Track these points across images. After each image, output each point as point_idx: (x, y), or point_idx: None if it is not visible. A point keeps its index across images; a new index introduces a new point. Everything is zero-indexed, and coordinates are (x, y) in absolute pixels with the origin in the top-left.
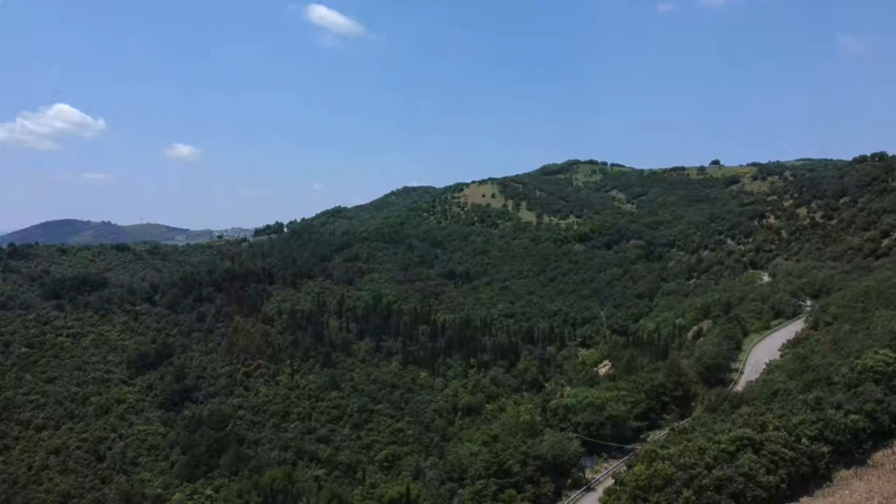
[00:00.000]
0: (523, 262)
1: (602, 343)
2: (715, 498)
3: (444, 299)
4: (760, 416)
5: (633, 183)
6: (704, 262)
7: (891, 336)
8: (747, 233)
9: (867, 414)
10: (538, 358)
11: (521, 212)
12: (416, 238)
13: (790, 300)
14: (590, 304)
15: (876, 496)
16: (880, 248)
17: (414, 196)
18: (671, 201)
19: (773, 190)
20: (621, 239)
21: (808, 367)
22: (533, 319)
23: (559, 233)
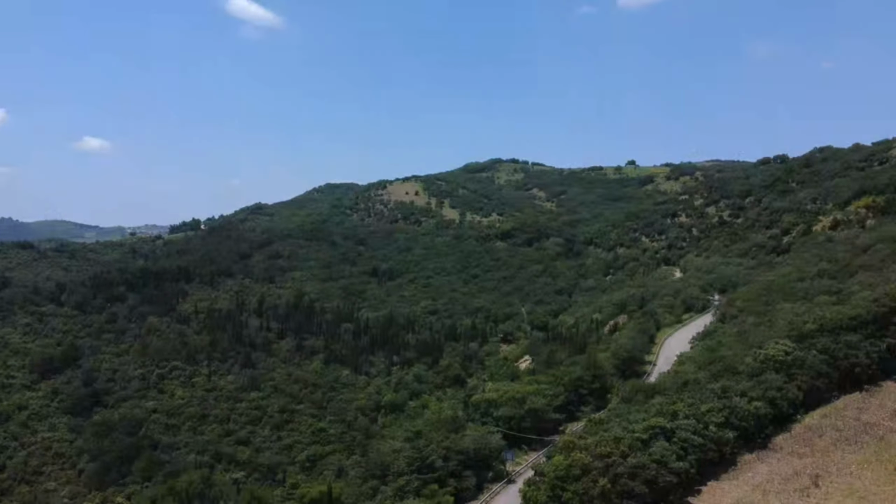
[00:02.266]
0: (447, 260)
1: (523, 338)
2: (630, 485)
3: (368, 297)
4: (672, 405)
5: (553, 182)
6: (621, 258)
7: (790, 328)
8: (661, 230)
9: (769, 400)
10: (461, 354)
11: (445, 209)
12: (340, 235)
13: (700, 295)
14: (511, 301)
15: (776, 477)
16: (781, 245)
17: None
18: (590, 200)
19: (685, 189)
20: (542, 236)
21: (716, 358)
22: (456, 316)
23: (482, 230)
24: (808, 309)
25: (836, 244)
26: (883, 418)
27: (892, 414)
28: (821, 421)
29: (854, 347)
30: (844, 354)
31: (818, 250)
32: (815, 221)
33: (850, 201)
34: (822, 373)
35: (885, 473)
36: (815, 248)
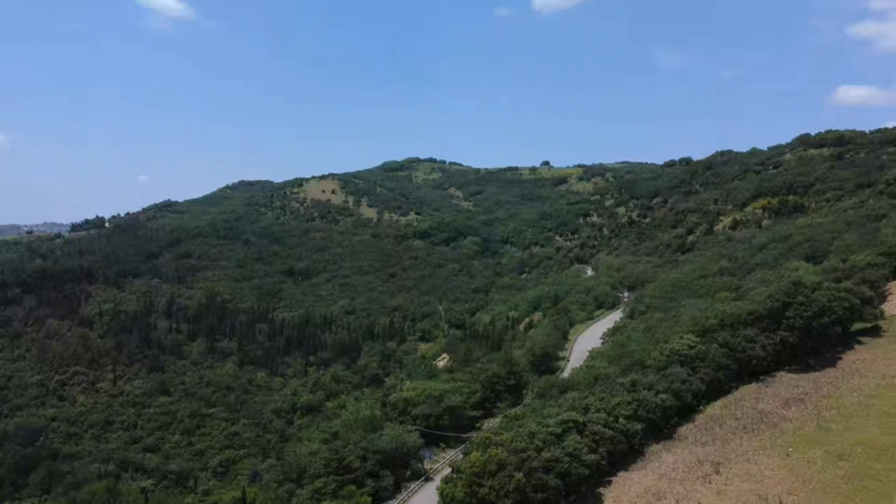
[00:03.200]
0: (364, 259)
1: (441, 337)
2: (544, 478)
3: (284, 297)
4: (584, 399)
5: (470, 181)
6: (535, 257)
7: (693, 323)
8: (574, 230)
9: (674, 393)
10: (379, 353)
11: (363, 208)
12: (254, 234)
13: (611, 292)
14: (429, 299)
15: (681, 466)
16: (686, 244)
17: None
18: (506, 199)
19: (597, 190)
20: (459, 235)
21: (626, 353)
22: (374, 315)
23: (400, 229)
24: (710, 305)
25: (736, 243)
26: (777, 407)
27: (785, 402)
28: (721, 411)
29: (751, 341)
30: (743, 347)
31: (719, 249)
32: (717, 221)
33: (748, 202)
34: (723, 365)
35: (779, 458)
36: (717, 247)
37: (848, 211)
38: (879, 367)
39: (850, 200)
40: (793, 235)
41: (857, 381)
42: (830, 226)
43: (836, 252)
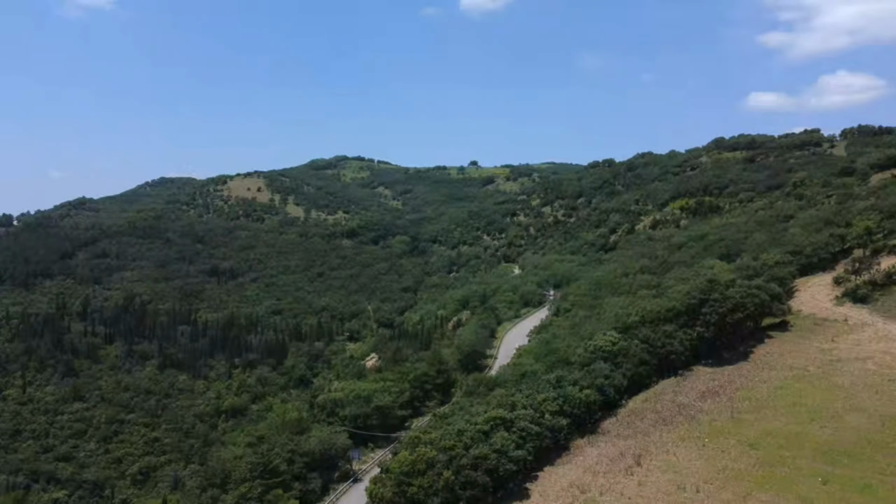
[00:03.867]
0: (291, 258)
1: (370, 336)
2: (472, 475)
3: (207, 297)
4: (511, 396)
5: (399, 180)
6: (464, 256)
7: (616, 320)
8: (501, 229)
9: (597, 388)
10: (306, 354)
11: (289, 206)
12: (175, 233)
13: (537, 290)
14: (358, 299)
15: (604, 459)
16: (609, 243)
17: (172, 188)
18: (434, 199)
19: (524, 190)
20: (388, 234)
21: (551, 350)
22: (301, 316)
23: (328, 228)
24: (632, 302)
25: (656, 242)
26: (694, 399)
27: (702, 395)
28: (642, 405)
29: (670, 336)
30: (662, 343)
31: (640, 248)
32: (638, 221)
33: (667, 203)
34: (644, 360)
35: (696, 448)
36: (638, 246)
37: (759, 211)
38: (787, 359)
39: (761, 201)
40: (709, 235)
41: (767, 373)
42: (743, 226)
43: (748, 251)
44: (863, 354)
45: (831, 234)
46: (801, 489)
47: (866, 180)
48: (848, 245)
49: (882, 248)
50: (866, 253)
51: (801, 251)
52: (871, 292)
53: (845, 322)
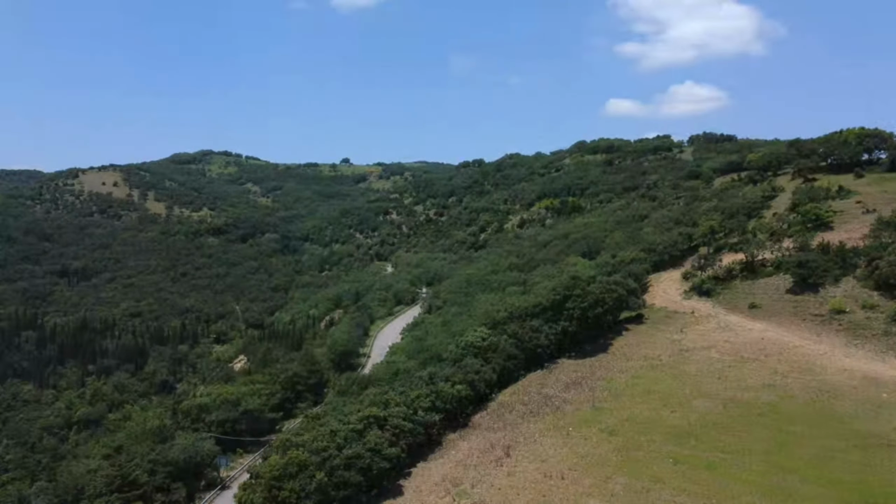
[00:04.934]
0: (152, 257)
1: (238, 338)
2: (345, 476)
3: (56, 300)
4: (385, 394)
5: (268, 176)
6: (336, 254)
7: (486, 316)
8: (374, 227)
9: (469, 383)
10: (169, 358)
11: (149, 202)
12: (18, 230)
13: (410, 288)
14: (225, 299)
15: (475, 452)
16: (479, 241)
17: (14, 181)
18: (306, 196)
19: (396, 188)
20: (257, 232)
21: (424, 347)
22: (163, 318)
23: (192, 225)
24: (501, 298)
25: (523, 240)
26: (559, 391)
27: (566, 386)
28: (511, 398)
29: (537, 331)
30: (530, 337)
31: (509, 246)
32: (507, 220)
33: (533, 202)
34: (512, 355)
35: (561, 437)
36: (507, 244)
37: (617, 211)
38: (643, 350)
39: (618, 202)
40: (572, 233)
41: (625, 363)
42: (603, 225)
43: (607, 248)
44: (707, 343)
45: (680, 233)
46: (655, 470)
47: (710, 183)
48: (695, 243)
49: (724, 246)
50: (710, 250)
51: (654, 249)
52: (715, 286)
53: (692, 314)
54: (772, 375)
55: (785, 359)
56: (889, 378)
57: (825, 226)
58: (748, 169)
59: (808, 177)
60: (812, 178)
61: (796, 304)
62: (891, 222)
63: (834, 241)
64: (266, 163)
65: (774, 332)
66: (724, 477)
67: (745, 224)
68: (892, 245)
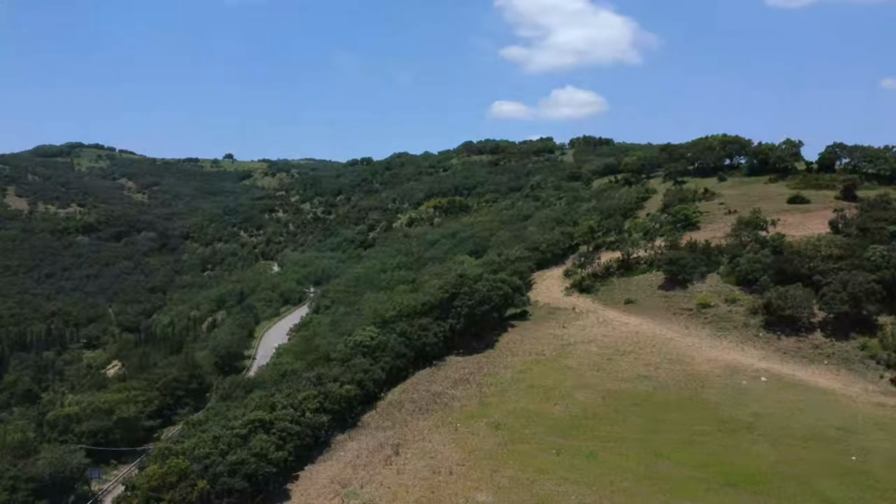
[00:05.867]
0: (12, 257)
1: (111, 342)
2: (230, 482)
3: None
4: (271, 397)
5: (144, 171)
6: (219, 253)
7: (375, 315)
8: (259, 225)
9: (357, 383)
10: (33, 366)
11: (9, 198)
12: None
13: (297, 287)
14: (97, 302)
15: (364, 451)
16: (368, 240)
17: None
18: (186, 192)
19: (282, 186)
20: (132, 230)
21: (312, 348)
22: (25, 322)
23: (59, 223)
24: (390, 297)
25: (412, 239)
26: (447, 387)
27: (454, 383)
28: (400, 396)
29: (426, 329)
30: (418, 336)
31: (398, 244)
32: (395, 219)
33: (422, 202)
34: (401, 353)
35: (450, 433)
36: (396, 243)
37: (503, 211)
38: (527, 346)
39: (504, 202)
40: (459, 232)
41: (510, 359)
42: (489, 224)
43: (493, 247)
44: (588, 338)
45: (562, 233)
46: (539, 461)
47: (590, 185)
48: (575, 242)
49: (602, 245)
50: (590, 249)
51: (538, 247)
52: (594, 283)
53: (574, 310)
54: (646, 367)
55: (658, 351)
56: (748, 366)
57: (693, 226)
58: (624, 171)
59: (678, 179)
60: (681, 180)
61: (667, 299)
62: (749, 222)
63: (700, 240)
64: (142, 157)
65: (648, 326)
66: (603, 464)
67: (622, 224)
68: (750, 244)
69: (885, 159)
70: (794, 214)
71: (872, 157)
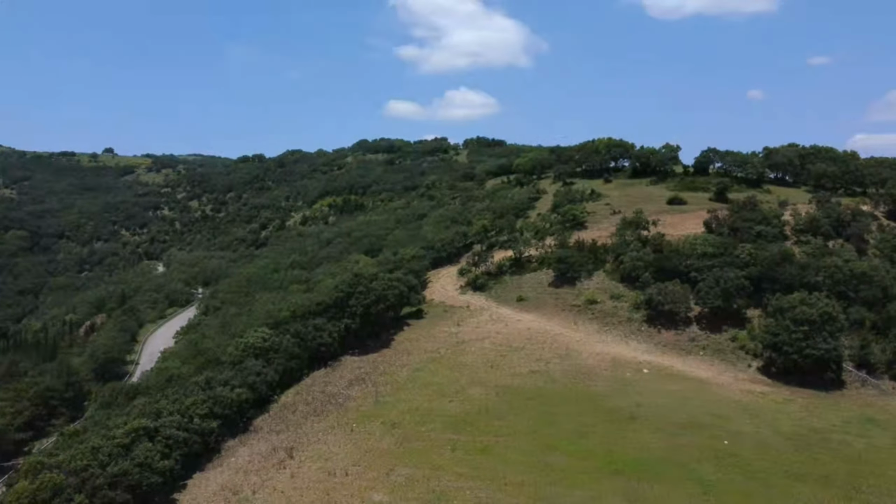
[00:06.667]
0: None
1: None
2: (110, 495)
3: None
4: (156, 403)
5: (13, 165)
6: (98, 253)
7: (267, 316)
8: (143, 223)
9: (249, 386)
10: None
11: None
12: None
13: (184, 288)
14: None
15: (256, 456)
16: (260, 239)
17: None
18: (60, 188)
19: (168, 182)
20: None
21: (200, 351)
22: None
23: None
24: (283, 297)
25: (306, 238)
26: (342, 388)
27: (350, 383)
28: (294, 398)
29: (320, 329)
30: (313, 336)
31: (291, 243)
32: (289, 217)
33: (316, 200)
34: (295, 354)
35: (345, 434)
36: (289, 242)
37: (398, 210)
38: (423, 344)
39: (399, 201)
40: (354, 231)
41: (406, 358)
42: (384, 223)
43: (389, 246)
44: (482, 335)
45: (457, 232)
46: (435, 458)
47: (483, 185)
48: (469, 241)
49: (495, 244)
50: (483, 248)
51: (433, 246)
52: (487, 281)
53: (468, 308)
54: (538, 362)
55: (549, 346)
56: (631, 359)
57: (581, 225)
58: (516, 172)
59: (567, 181)
60: (570, 181)
61: (557, 296)
62: (632, 222)
63: (588, 239)
64: (9, 149)
65: (539, 323)
66: (497, 459)
67: (514, 223)
68: (633, 243)
69: (753, 164)
70: (673, 215)
71: (741, 162)
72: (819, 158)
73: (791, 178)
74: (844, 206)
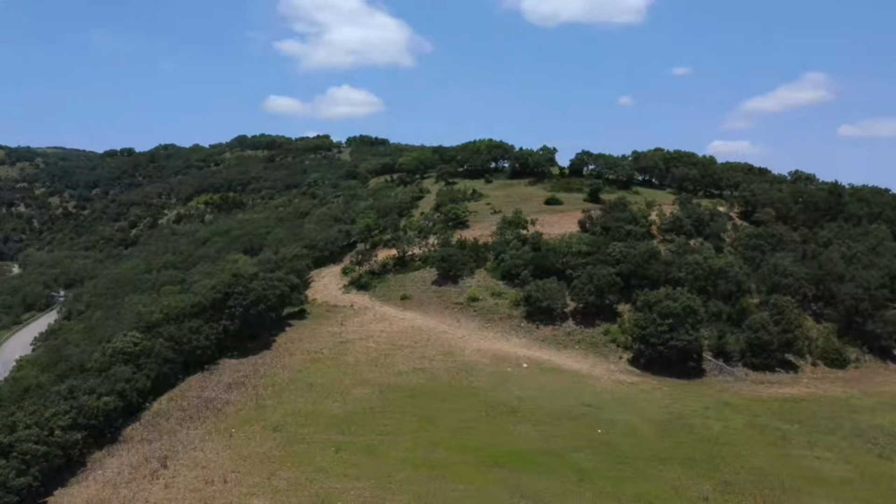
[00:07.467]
0: None
1: None
2: None
3: None
4: (11, 416)
5: None
6: None
7: (138, 319)
8: None
9: (118, 394)
10: None
11: None
12: None
13: (43, 291)
14: None
15: (126, 468)
16: (130, 238)
17: None
18: None
19: (24, 177)
20: None
21: (62, 358)
22: None
23: None
24: (155, 299)
25: (180, 237)
26: (220, 392)
27: (228, 387)
28: (168, 404)
29: (196, 332)
30: (188, 339)
31: (164, 242)
32: (162, 215)
33: (191, 197)
34: (169, 359)
35: (223, 440)
36: (162, 241)
37: (279, 208)
38: (305, 344)
39: (280, 199)
40: (233, 230)
41: (288, 359)
42: (265, 221)
43: (269, 245)
44: (365, 334)
45: (340, 230)
46: (319, 460)
47: (367, 183)
48: (353, 239)
49: (379, 243)
50: (367, 247)
51: (315, 245)
52: (371, 280)
53: (352, 307)
54: (421, 360)
55: (432, 344)
56: (512, 354)
57: (463, 224)
58: (399, 171)
59: (449, 180)
60: (452, 181)
61: (440, 294)
62: (512, 222)
63: (470, 238)
64: None
65: (423, 321)
66: (381, 458)
67: (398, 222)
68: (513, 241)
69: (623, 167)
70: (551, 214)
71: (612, 165)
72: (682, 162)
73: (657, 181)
74: (704, 207)
